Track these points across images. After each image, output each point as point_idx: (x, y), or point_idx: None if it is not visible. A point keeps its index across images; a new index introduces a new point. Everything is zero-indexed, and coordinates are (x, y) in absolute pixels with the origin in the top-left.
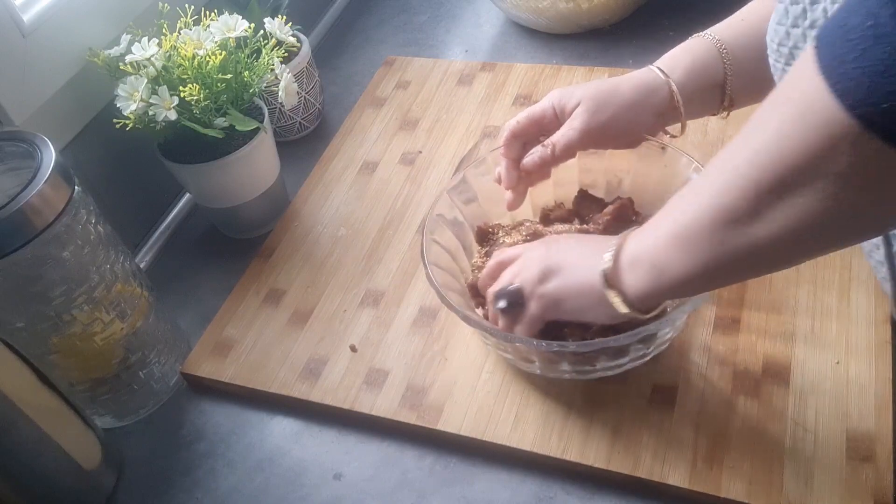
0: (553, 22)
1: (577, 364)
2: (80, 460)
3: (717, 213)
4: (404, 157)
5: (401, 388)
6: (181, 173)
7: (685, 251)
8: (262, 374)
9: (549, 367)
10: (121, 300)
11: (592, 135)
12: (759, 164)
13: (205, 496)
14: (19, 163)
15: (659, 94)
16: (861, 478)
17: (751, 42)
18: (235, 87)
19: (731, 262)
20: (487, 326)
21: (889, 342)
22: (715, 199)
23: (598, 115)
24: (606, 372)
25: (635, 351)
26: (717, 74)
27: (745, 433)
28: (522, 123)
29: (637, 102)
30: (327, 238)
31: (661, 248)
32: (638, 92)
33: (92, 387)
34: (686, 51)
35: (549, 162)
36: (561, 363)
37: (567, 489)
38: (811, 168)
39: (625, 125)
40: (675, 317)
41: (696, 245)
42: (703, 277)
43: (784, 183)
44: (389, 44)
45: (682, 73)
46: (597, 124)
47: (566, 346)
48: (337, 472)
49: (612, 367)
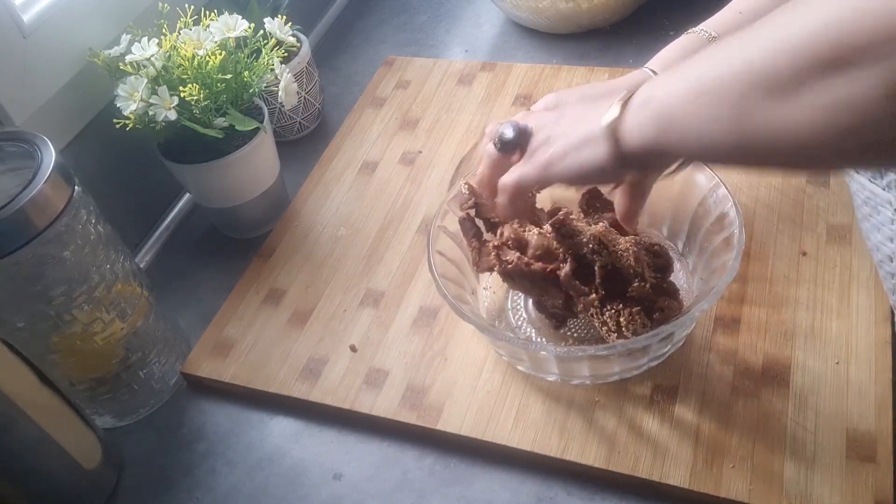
0: (553, 22)
1: (595, 368)
2: (80, 460)
3: (755, 76)
4: (404, 157)
5: (401, 388)
6: (181, 173)
7: (704, 108)
8: (262, 374)
9: (567, 374)
10: (121, 300)
11: None
12: (817, 36)
13: (205, 496)
14: (19, 163)
15: None
16: (861, 478)
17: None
18: (235, 87)
19: (749, 137)
20: (512, 338)
21: (889, 342)
22: (755, 62)
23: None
24: (624, 374)
25: (655, 349)
26: None
27: (745, 433)
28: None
29: None
30: (327, 238)
31: (678, 97)
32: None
33: (92, 386)
34: (679, 49)
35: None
36: (580, 367)
37: (567, 489)
38: (879, 50)
39: None
40: (694, 315)
41: (718, 105)
42: (711, 146)
43: (843, 59)
44: (389, 44)
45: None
46: None
47: (586, 350)
48: (337, 472)
49: (630, 370)
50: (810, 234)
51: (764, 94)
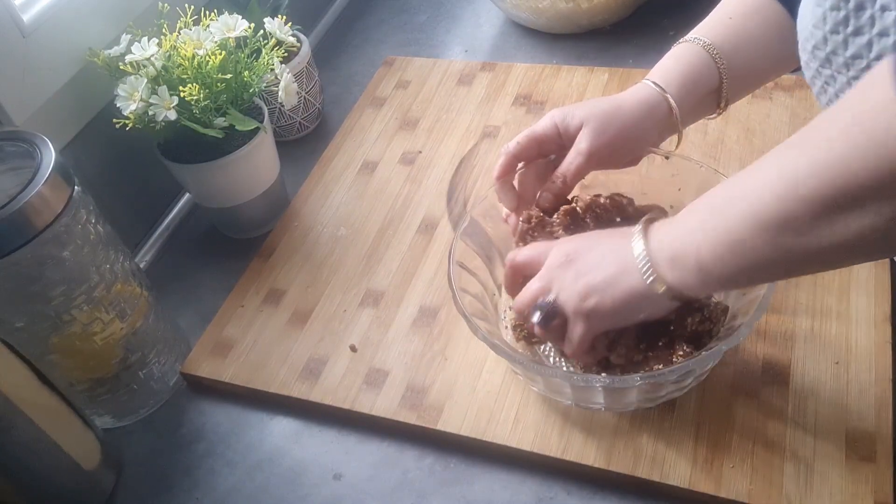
0: (553, 22)
1: (612, 395)
2: (79, 460)
3: (773, 221)
4: (404, 157)
5: (401, 388)
6: (181, 173)
7: (736, 254)
8: (262, 374)
9: (582, 399)
10: (120, 300)
11: (600, 156)
12: (825, 179)
13: (204, 496)
14: (19, 163)
15: (660, 110)
16: (861, 478)
17: (741, 42)
18: (235, 87)
19: (785, 261)
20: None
21: (889, 342)
22: (771, 206)
23: (603, 135)
24: (644, 404)
25: (676, 382)
26: (713, 81)
27: (745, 433)
28: (523, 144)
29: (640, 120)
30: (327, 238)
31: (707, 249)
32: (640, 109)
33: (91, 387)
34: (678, 61)
35: (562, 194)
36: (596, 395)
37: (567, 489)
38: (883, 187)
39: (632, 144)
40: (718, 352)
41: (748, 248)
42: (755, 274)
43: (852, 198)
44: (389, 44)
45: (677, 87)
46: (603, 144)
47: (621, 380)
48: (337, 472)
49: (652, 399)
50: None
51: (788, 234)
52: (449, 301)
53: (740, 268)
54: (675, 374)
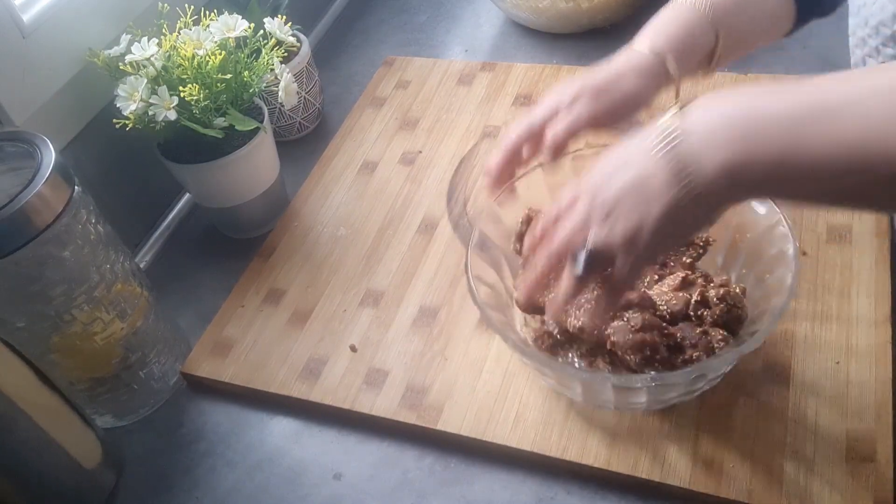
0: (553, 22)
1: (620, 395)
2: (79, 459)
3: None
4: (404, 157)
5: (401, 388)
6: (181, 173)
7: (827, 125)
8: (262, 374)
9: (591, 397)
10: (121, 300)
11: (598, 121)
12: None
13: (204, 496)
14: (19, 163)
15: (659, 79)
16: (861, 478)
17: (740, 5)
18: (235, 87)
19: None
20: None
21: (889, 342)
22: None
23: (601, 104)
24: (654, 405)
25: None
26: (708, 43)
27: (745, 433)
28: (523, 138)
29: (641, 89)
30: (327, 238)
31: (787, 114)
32: (640, 80)
33: (92, 386)
34: (676, 23)
35: (558, 149)
36: (605, 393)
37: (568, 489)
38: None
39: (630, 110)
40: (732, 357)
41: (851, 118)
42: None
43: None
44: (389, 44)
45: (676, 52)
46: (601, 112)
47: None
48: (337, 472)
49: (660, 402)
50: (810, 234)
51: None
52: (449, 301)
53: (815, 145)
54: (722, 363)
